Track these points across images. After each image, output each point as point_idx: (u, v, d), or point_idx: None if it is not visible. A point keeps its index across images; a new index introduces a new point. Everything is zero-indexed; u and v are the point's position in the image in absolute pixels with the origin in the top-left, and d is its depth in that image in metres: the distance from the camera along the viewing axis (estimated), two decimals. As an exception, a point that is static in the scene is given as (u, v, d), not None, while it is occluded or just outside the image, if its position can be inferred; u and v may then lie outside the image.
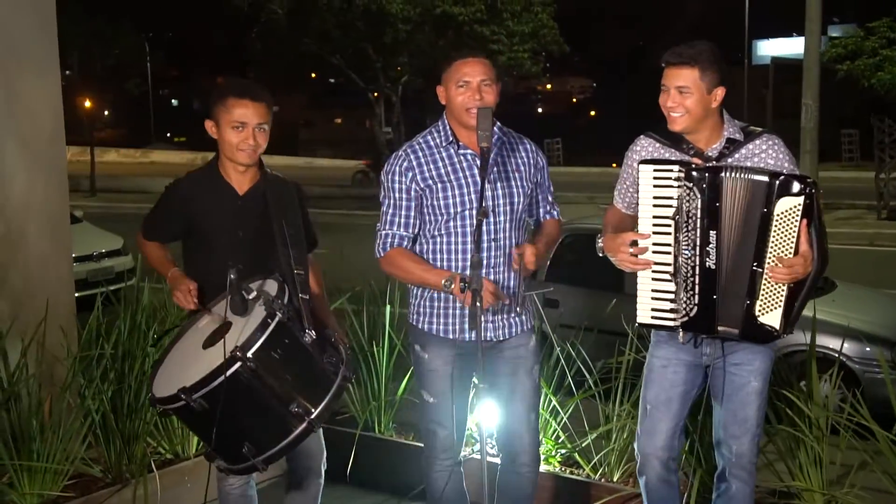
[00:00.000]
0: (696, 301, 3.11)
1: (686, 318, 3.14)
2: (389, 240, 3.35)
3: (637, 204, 3.26)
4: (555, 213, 3.57)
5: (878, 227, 15.55)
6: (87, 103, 25.89)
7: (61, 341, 4.29)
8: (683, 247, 3.11)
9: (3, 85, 4.35)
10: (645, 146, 3.33)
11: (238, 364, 2.85)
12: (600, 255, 3.33)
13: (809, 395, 3.95)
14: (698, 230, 3.08)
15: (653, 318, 3.20)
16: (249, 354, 2.85)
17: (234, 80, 3.40)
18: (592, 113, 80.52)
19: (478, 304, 2.94)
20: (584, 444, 4.34)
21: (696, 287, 3.11)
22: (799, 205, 2.98)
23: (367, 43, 19.31)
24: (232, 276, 2.99)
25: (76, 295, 4.81)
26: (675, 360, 3.29)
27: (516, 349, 3.40)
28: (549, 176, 3.56)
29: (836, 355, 6.12)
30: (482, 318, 3.06)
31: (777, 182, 3.01)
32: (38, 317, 4.22)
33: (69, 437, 4.05)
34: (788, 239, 3.00)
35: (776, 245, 3.02)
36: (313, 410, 2.93)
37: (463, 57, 3.30)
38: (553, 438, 4.41)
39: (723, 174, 3.06)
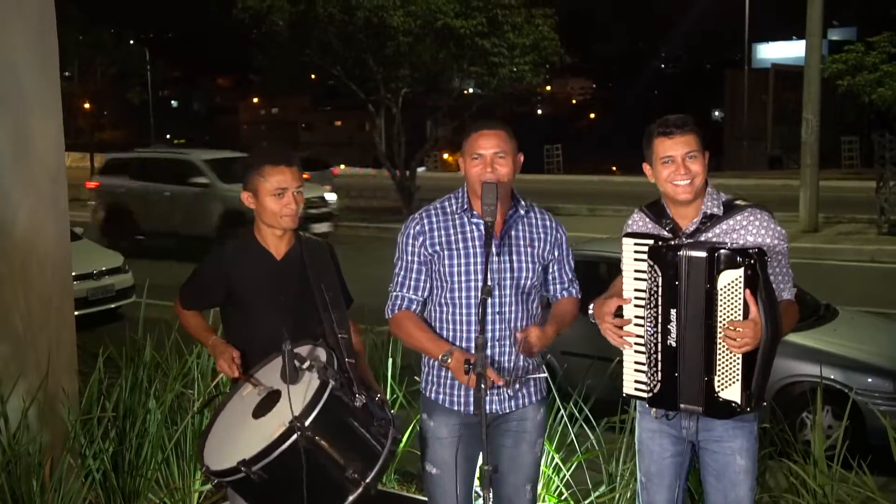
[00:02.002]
0: (659, 378, 3.13)
1: (651, 394, 3.16)
2: (398, 302, 3.38)
3: None
4: (573, 290, 3.52)
5: (878, 243, 15.52)
6: (87, 105, 25.89)
7: (62, 399, 4.27)
8: (647, 324, 3.13)
9: (11, 127, 4.35)
10: (636, 220, 3.36)
11: (296, 434, 2.86)
12: (592, 321, 3.32)
13: (814, 463, 3.93)
14: (659, 307, 3.10)
15: (635, 389, 3.22)
16: (307, 423, 2.86)
17: (265, 149, 3.43)
18: (592, 115, 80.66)
19: (482, 386, 2.94)
20: (587, 502, 4.33)
21: (659, 364, 3.12)
22: (740, 276, 2.97)
23: (368, 55, 19.26)
24: (287, 345, 2.98)
25: (76, 313, 4.80)
26: (658, 432, 3.30)
27: (521, 422, 3.39)
28: (570, 252, 3.52)
29: (837, 386, 6.19)
30: (486, 397, 3.05)
31: (716, 256, 3.01)
32: (40, 360, 4.21)
33: (69, 498, 4.03)
34: (734, 311, 2.99)
35: (724, 318, 3.02)
36: (369, 473, 2.96)
37: (480, 129, 3.32)
38: (556, 495, 4.40)
39: (681, 252, 3.07)
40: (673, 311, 3.08)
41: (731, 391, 3.04)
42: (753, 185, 26.29)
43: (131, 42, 32.03)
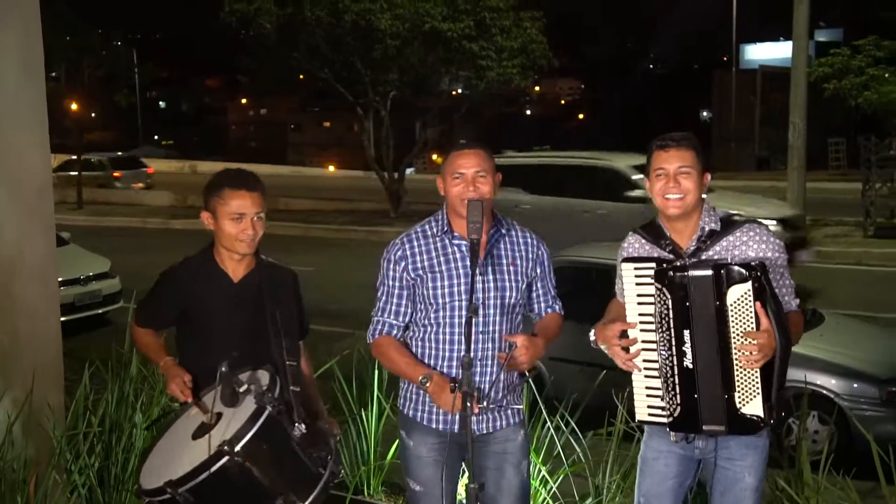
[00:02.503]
0: (679, 401, 3.11)
1: (672, 419, 3.14)
2: (379, 327, 3.39)
3: None
4: (556, 307, 3.53)
5: (865, 246, 15.59)
6: (74, 106, 25.75)
7: (47, 414, 4.26)
8: (662, 348, 3.11)
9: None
10: (632, 243, 3.35)
11: (225, 458, 2.83)
12: (593, 346, 3.32)
13: (799, 474, 3.95)
14: (672, 330, 3.08)
15: (649, 415, 3.20)
16: (237, 448, 2.83)
17: (228, 171, 3.40)
18: (581, 116, 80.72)
19: (468, 404, 2.94)
20: (574, 515, 4.35)
21: (678, 387, 3.10)
22: (749, 290, 2.99)
23: (355, 58, 19.25)
24: (223, 368, 2.99)
25: (62, 319, 4.78)
26: (666, 453, 3.28)
27: (503, 444, 3.38)
28: (552, 269, 3.52)
29: (824, 392, 6.22)
30: (472, 414, 3.05)
31: (722, 273, 3.02)
32: (26, 375, 4.19)
33: (55, 514, 4.02)
34: (747, 324, 3.00)
35: (738, 333, 3.02)
36: None
37: (459, 149, 3.33)
38: (543, 507, 4.42)
39: (690, 272, 3.07)
40: (686, 333, 3.07)
41: (752, 406, 3.04)
42: (742, 187, 26.35)
43: (119, 43, 31.85)
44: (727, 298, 3.01)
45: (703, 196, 3.24)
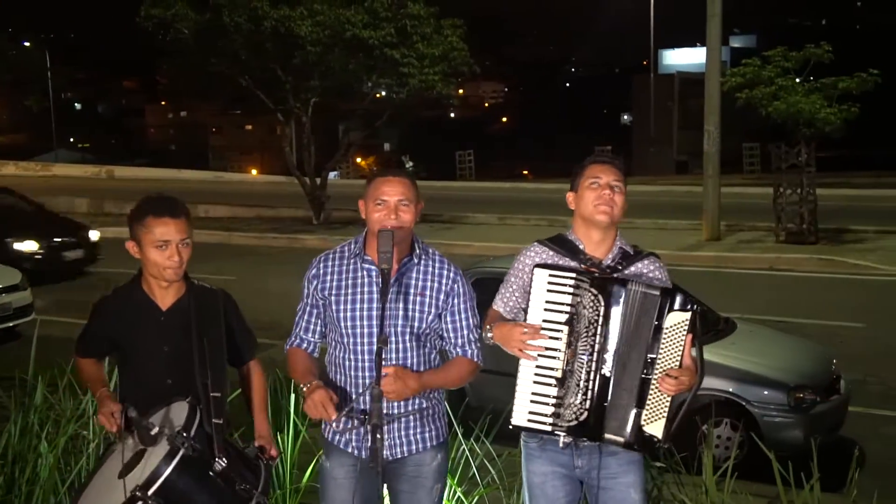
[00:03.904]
0: (588, 407, 3.15)
1: (574, 423, 3.17)
2: (292, 339, 3.45)
3: (520, 310, 3.30)
4: (470, 351, 3.37)
5: (777, 252, 16.04)
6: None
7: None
8: (580, 352, 3.15)
9: None
10: (539, 252, 3.38)
11: (139, 503, 2.80)
12: (489, 343, 3.34)
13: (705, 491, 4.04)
14: (597, 337, 3.14)
15: (528, 420, 3.21)
16: (150, 493, 2.81)
17: (150, 199, 3.34)
18: (504, 119, 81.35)
19: (378, 437, 2.94)
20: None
21: (590, 393, 3.15)
22: (686, 320, 3.12)
23: (276, 64, 19.05)
24: (130, 412, 2.96)
25: None
26: (550, 474, 3.34)
27: (418, 468, 3.38)
28: (472, 308, 3.38)
29: (735, 399, 6.38)
30: (382, 446, 3.04)
31: (669, 298, 3.13)
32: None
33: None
34: (675, 352, 3.13)
35: (664, 357, 3.13)
36: None
37: (384, 175, 3.33)
38: (458, 529, 4.43)
39: (628, 285, 3.16)
40: (613, 342, 3.14)
41: (655, 427, 3.14)
42: (660, 192, 26.91)
43: (28, 45, 30.98)
44: (665, 321, 3.12)
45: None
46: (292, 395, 4.82)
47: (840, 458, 4.19)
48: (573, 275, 3.18)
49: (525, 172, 48.00)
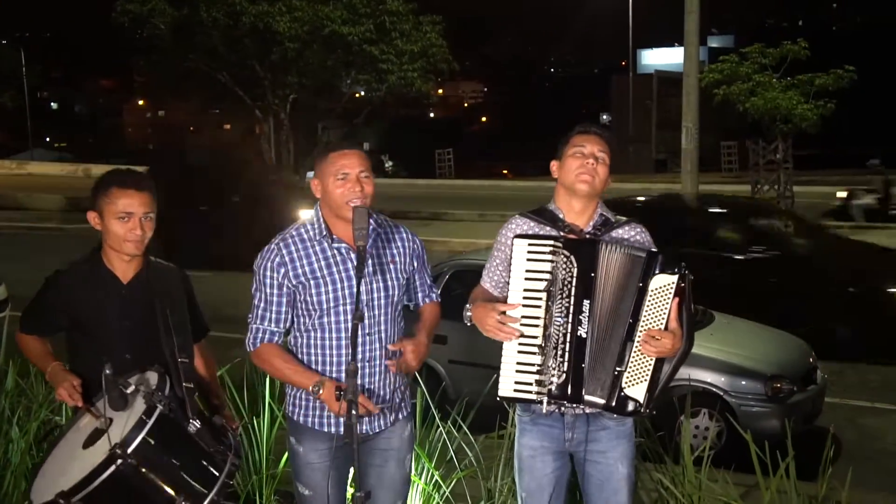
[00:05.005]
0: (565, 369, 3.14)
1: (553, 387, 3.16)
2: (260, 335, 3.31)
3: (506, 283, 3.28)
4: (433, 296, 3.54)
5: (754, 247, 16.09)
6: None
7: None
8: (556, 314, 3.15)
9: None
10: (520, 224, 3.38)
11: (118, 462, 2.77)
12: (468, 324, 3.33)
13: (683, 472, 4.04)
14: (572, 298, 3.13)
15: (515, 391, 3.21)
16: (129, 451, 2.78)
17: (116, 170, 3.32)
18: (484, 119, 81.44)
19: (353, 412, 2.92)
20: (467, 519, 4.36)
21: (567, 355, 3.14)
22: (672, 283, 3.08)
23: (254, 60, 19.00)
24: (107, 370, 2.91)
25: None
26: (540, 449, 3.33)
27: (389, 440, 3.39)
28: (427, 260, 3.54)
29: (714, 389, 6.41)
30: (357, 422, 3.03)
31: (654, 259, 3.11)
32: None
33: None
34: (660, 315, 3.09)
35: (648, 319, 3.10)
36: (201, 503, 2.89)
37: (340, 149, 3.28)
38: (436, 512, 4.42)
39: (599, 245, 3.15)
40: (586, 303, 3.12)
41: (636, 390, 3.11)
42: (639, 189, 27.00)
43: (3, 42, 30.69)
44: (650, 283, 3.09)
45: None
46: (267, 380, 4.78)
47: (816, 446, 4.24)
48: (551, 242, 3.18)
49: (505, 172, 48.09)
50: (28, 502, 2.94)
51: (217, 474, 2.95)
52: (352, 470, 3.15)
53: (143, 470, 2.82)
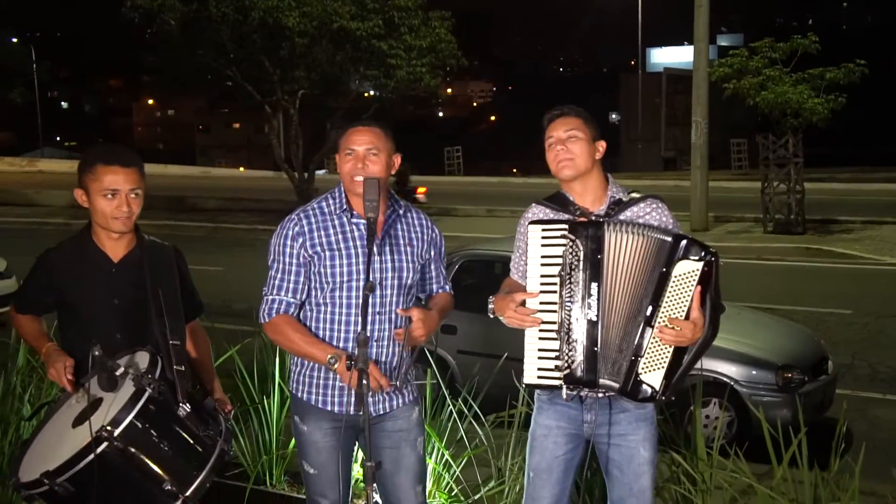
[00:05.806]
0: (580, 352, 3.10)
1: (568, 371, 3.11)
2: (276, 305, 3.28)
3: (525, 272, 3.25)
4: (447, 287, 3.53)
5: (765, 241, 16.09)
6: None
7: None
8: (566, 300, 3.11)
9: None
10: (536, 213, 3.36)
11: (105, 444, 2.74)
12: (491, 316, 3.31)
13: (695, 451, 4.02)
14: (581, 282, 3.09)
15: (538, 377, 3.18)
16: (117, 433, 2.75)
17: (101, 146, 3.27)
18: (493, 118, 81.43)
19: (364, 382, 2.90)
20: (477, 498, 4.35)
21: (580, 338, 3.10)
22: (697, 270, 2.99)
23: (263, 56, 18.98)
24: (96, 351, 2.87)
25: None
26: (555, 429, 3.29)
27: (398, 422, 3.36)
28: (444, 252, 3.54)
29: (725, 379, 6.38)
30: (368, 391, 3.01)
31: (679, 244, 3.03)
32: None
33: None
34: (682, 302, 3.00)
35: (669, 306, 3.02)
36: (188, 487, 2.85)
37: (353, 125, 3.28)
38: (447, 492, 4.41)
39: (605, 227, 3.10)
40: (594, 285, 3.07)
41: (652, 376, 3.05)
42: (648, 186, 26.91)
43: (14, 40, 30.79)
44: (674, 269, 3.01)
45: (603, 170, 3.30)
46: (276, 360, 4.78)
47: (827, 437, 4.21)
48: (563, 226, 3.15)
49: (514, 171, 48.03)
50: (15, 479, 2.90)
51: (206, 459, 2.91)
52: (361, 454, 3.13)
53: (131, 453, 2.78)
